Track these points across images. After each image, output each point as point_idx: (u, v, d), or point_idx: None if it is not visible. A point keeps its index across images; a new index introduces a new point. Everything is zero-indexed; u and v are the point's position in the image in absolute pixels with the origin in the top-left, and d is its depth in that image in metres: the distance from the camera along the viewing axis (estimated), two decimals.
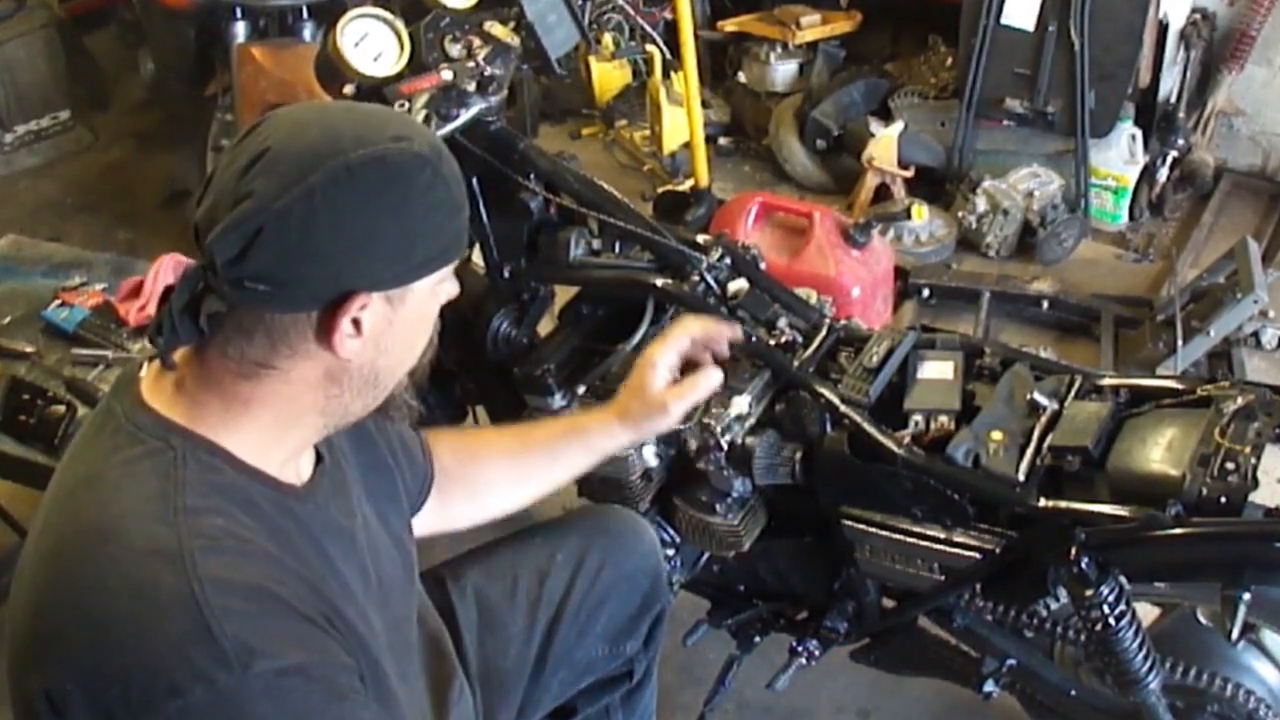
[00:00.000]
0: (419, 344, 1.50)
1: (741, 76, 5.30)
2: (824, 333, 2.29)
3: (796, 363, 2.22)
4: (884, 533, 2.14)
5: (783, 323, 2.26)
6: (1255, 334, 3.85)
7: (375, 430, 1.72)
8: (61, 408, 2.55)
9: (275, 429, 1.42)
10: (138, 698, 1.21)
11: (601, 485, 2.38)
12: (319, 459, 1.55)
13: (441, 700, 1.82)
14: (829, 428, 2.15)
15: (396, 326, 1.41)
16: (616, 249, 2.44)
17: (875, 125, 4.80)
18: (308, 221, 1.29)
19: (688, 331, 2.08)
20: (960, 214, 4.56)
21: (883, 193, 4.72)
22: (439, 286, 1.46)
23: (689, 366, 2.09)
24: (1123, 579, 1.95)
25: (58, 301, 2.92)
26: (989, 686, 2.31)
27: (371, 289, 1.35)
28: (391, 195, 1.33)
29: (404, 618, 1.70)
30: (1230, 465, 1.85)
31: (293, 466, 1.48)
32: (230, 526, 1.32)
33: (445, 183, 1.39)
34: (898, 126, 4.67)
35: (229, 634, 1.22)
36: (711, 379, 2.05)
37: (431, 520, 1.93)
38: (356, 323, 1.36)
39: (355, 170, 1.30)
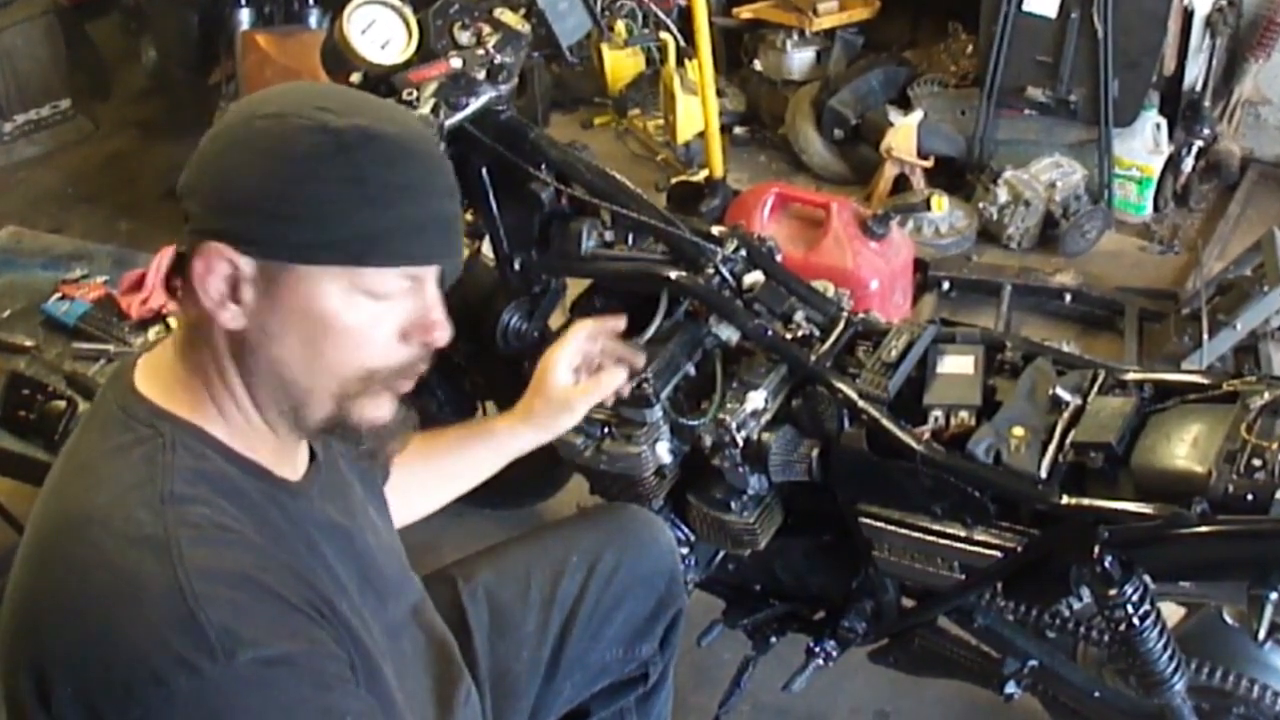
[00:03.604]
0: (331, 352, 1.38)
1: (757, 64, 5.30)
2: (841, 326, 2.27)
3: (813, 357, 2.20)
4: (903, 531, 2.12)
5: (799, 316, 2.24)
6: None
7: None
8: (62, 403, 2.55)
9: (240, 413, 1.40)
10: (121, 685, 1.19)
11: (615, 482, 2.37)
12: (313, 456, 1.53)
13: (446, 704, 1.79)
14: (847, 423, 2.13)
15: (282, 312, 1.34)
16: (629, 241, 2.41)
17: (894, 114, 4.80)
18: (205, 157, 1.34)
19: (583, 330, 2.13)
20: (981, 205, 4.54)
21: (902, 183, 4.71)
22: (361, 298, 1.36)
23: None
24: (1147, 578, 1.94)
25: (58, 294, 2.92)
26: (1010, 688, 2.29)
27: (240, 245, 1.31)
28: (277, 153, 1.30)
29: (403, 622, 1.69)
30: (1257, 462, 1.82)
31: (289, 461, 1.47)
32: (216, 516, 1.30)
33: (359, 168, 1.32)
34: (917, 115, 4.66)
35: (214, 622, 1.21)
36: (615, 378, 2.11)
37: None
38: (233, 285, 1.32)
39: (259, 124, 1.32)
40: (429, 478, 2.02)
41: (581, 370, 2.11)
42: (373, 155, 1.33)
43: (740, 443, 2.16)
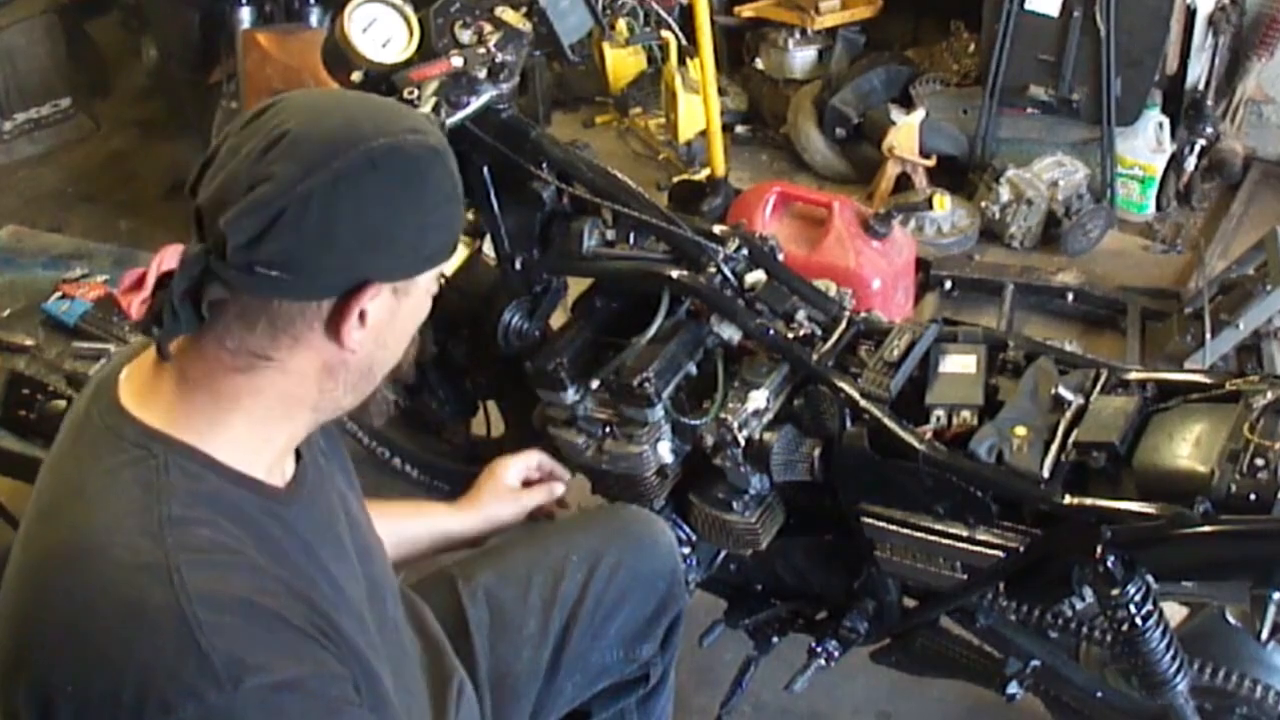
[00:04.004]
0: (410, 337, 1.49)
1: (759, 63, 5.28)
2: (843, 326, 2.26)
3: (815, 356, 2.19)
4: (905, 530, 2.11)
5: (801, 315, 2.23)
6: None
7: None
8: (62, 403, 2.54)
9: (266, 426, 1.39)
10: (128, 714, 1.19)
11: (616, 483, 2.37)
12: (298, 456, 1.52)
13: (441, 701, 1.80)
14: (849, 423, 2.12)
15: (398, 319, 1.41)
16: (631, 240, 2.40)
17: (896, 113, 4.78)
18: (330, 208, 1.27)
19: (537, 456, 2.31)
20: (983, 204, 4.53)
21: (904, 182, 4.69)
22: (434, 280, 1.45)
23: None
24: (1149, 578, 1.93)
25: (58, 294, 2.91)
26: (1012, 688, 2.29)
27: (384, 280, 1.35)
28: (410, 186, 1.34)
29: (397, 617, 1.69)
30: (1260, 461, 1.81)
31: (279, 467, 1.45)
32: (216, 536, 1.30)
33: (451, 176, 1.40)
34: (919, 114, 4.64)
35: (219, 649, 1.20)
36: (556, 490, 2.29)
37: None
38: (362, 314, 1.35)
39: (378, 159, 1.30)
40: None
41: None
42: (452, 158, 1.42)
43: (742, 442, 2.16)
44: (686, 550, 2.37)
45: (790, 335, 2.21)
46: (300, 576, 1.36)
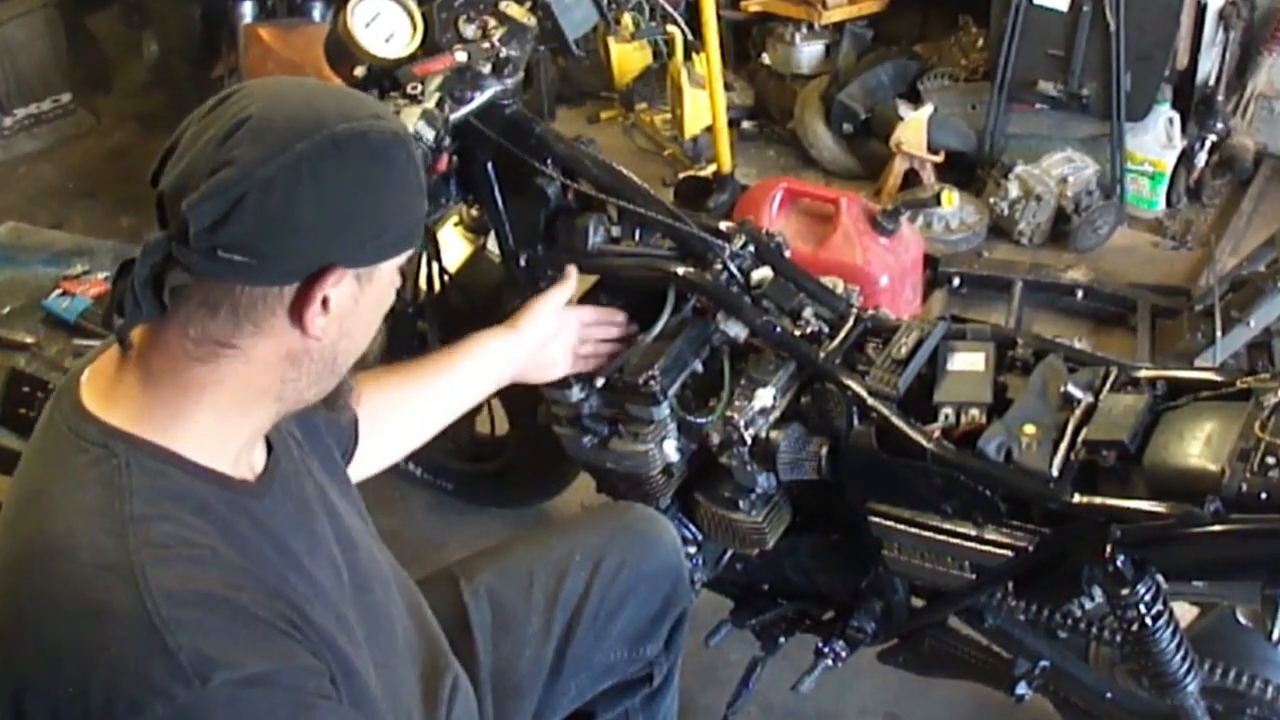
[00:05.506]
0: (374, 328, 1.49)
1: (765, 58, 5.27)
2: (851, 323, 2.26)
3: (822, 354, 2.19)
4: (913, 530, 2.11)
5: (808, 312, 2.23)
6: None
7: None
8: None
9: (229, 417, 1.39)
10: (98, 717, 1.19)
11: (621, 482, 2.37)
12: (269, 448, 1.51)
13: (432, 696, 1.78)
14: (856, 421, 2.12)
15: (361, 307, 1.41)
16: (636, 236, 2.39)
17: (904, 108, 4.77)
18: (292, 191, 1.27)
19: (594, 312, 2.33)
20: (992, 200, 4.51)
21: (911, 178, 4.68)
22: (396, 272, 1.45)
23: None
24: (1160, 577, 1.94)
25: (59, 290, 2.88)
26: (1021, 689, 2.28)
27: (347, 265, 1.34)
28: (373, 171, 1.34)
29: (386, 607, 1.67)
30: (1271, 460, 1.81)
31: (245, 460, 1.45)
32: (181, 532, 1.29)
33: (415, 164, 1.40)
34: (927, 110, 4.63)
35: (185, 647, 1.20)
36: (571, 278, 2.29)
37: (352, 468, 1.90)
38: (325, 301, 1.34)
39: (341, 143, 1.30)
40: (412, 400, 2.06)
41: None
42: (414, 148, 1.43)
43: (748, 440, 2.15)
44: (692, 549, 2.38)
45: (797, 333, 2.20)
46: (270, 570, 1.36)
